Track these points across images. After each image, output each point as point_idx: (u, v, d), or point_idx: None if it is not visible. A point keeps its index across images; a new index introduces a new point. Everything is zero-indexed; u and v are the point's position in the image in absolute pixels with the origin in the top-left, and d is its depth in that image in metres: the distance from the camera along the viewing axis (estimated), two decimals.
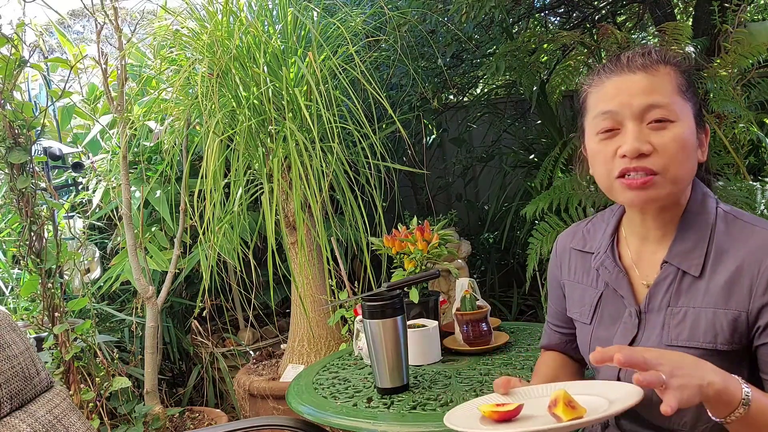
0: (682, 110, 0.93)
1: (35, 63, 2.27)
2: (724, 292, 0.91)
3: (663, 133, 0.91)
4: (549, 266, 1.22)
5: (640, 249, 1.04)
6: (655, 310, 0.98)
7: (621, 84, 0.94)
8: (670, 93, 0.92)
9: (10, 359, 1.29)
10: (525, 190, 3.20)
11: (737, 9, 2.07)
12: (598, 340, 1.06)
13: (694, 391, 0.78)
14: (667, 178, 0.92)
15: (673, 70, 0.95)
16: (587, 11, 3.20)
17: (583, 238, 1.14)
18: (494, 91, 3.83)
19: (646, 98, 0.92)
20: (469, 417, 0.95)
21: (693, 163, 0.94)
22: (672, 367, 0.79)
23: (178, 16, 2.46)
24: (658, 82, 0.93)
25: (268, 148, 2.31)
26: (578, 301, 1.12)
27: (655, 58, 0.95)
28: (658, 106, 0.91)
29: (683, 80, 0.95)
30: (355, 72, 2.18)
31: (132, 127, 2.66)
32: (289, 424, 1.44)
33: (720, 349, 0.91)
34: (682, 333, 0.94)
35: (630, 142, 0.91)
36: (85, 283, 2.80)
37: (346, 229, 2.34)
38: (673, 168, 0.91)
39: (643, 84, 0.92)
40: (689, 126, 0.93)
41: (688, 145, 0.92)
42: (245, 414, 2.56)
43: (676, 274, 0.96)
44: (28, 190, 2.15)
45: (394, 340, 1.36)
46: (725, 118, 2.06)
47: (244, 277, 2.53)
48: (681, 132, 0.91)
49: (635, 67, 0.94)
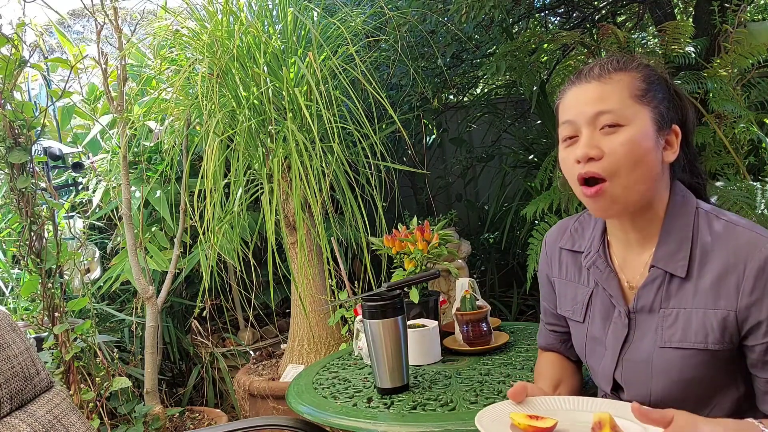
0: (636, 114, 0.96)
1: (35, 63, 2.27)
2: (713, 293, 0.93)
3: (613, 137, 0.95)
4: (539, 264, 1.24)
5: (624, 253, 1.06)
6: (646, 311, 1.00)
7: (578, 94, 1.00)
8: (622, 98, 0.96)
9: (10, 359, 1.29)
10: (525, 190, 3.20)
11: (737, 9, 2.07)
12: (592, 340, 1.08)
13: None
14: (616, 182, 0.95)
15: (629, 76, 0.98)
16: (587, 11, 3.20)
17: (571, 237, 1.15)
18: (494, 91, 3.83)
19: (597, 105, 0.96)
20: (500, 424, 0.93)
21: (649, 165, 0.96)
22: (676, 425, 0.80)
23: (178, 16, 2.46)
24: (609, 89, 0.97)
25: (268, 148, 2.31)
26: (570, 299, 1.13)
27: (611, 67, 0.99)
28: (607, 112, 0.95)
29: (641, 85, 0.98)
30: (355, 72, 2.18)
31: (132, 127, 2.66)
32: (289, 424, 1.44)
33: (711, 348, 0.93)
34: (675, 334, 0.96)
35: (581, 148, 0.96)
36: (85, 283, 2.80)
37: (346, 229, 2.34)
38: (623, 170, 0.94)
39: (595, 92, 0.97)
40: (642, 129, 0.95)
41: (640, 147, 0.94)
42: (245, 414, 2.56)
43: (664, 276, 0.98)
44: (28, 190, 2.15)
45: (394, 340, 1.36)
46: (725, 118, 2.06)
47: (244, 277, 2.53)
48: (631, 135, 0.94)
49: (591, 77, 0.99)
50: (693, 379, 0.94)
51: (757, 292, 0.90)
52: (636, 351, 1.00)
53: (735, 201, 1.81)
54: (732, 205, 1.81)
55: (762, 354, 0.91)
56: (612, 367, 1.03)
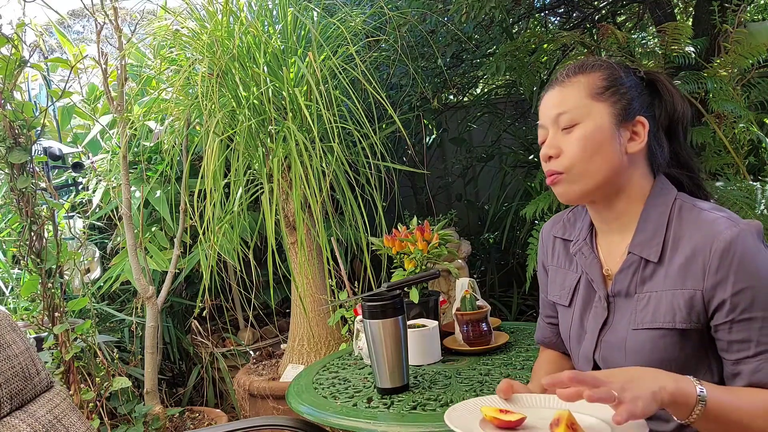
0: (592, 111, 1.03)
1: (35, 63, 2.27)
2: (681, 273, 0.97)
3: (570, 135, 1.04)
4: (537, 254, 1.29)
5: (607, 241, 1.11)
6: (623, 296, 1.05)
7: (546, 99, 1.09)
8: (579, 98, 1.04)
9: (10, 359, 1.29)
10: (525, 190, 3.19)
11: (737, 9, 2.07)
12: (576, 324, 1.13)
13: (648, 399, 0.83)
14: (573, 174, 1.03)
15: (588, 77, 1.05)
16: (587, 11, 3.19)
17: (564, 226, 1.22)
18: (494, 91, 3.82)
19: (556, 108, 1.05)
20: (470, 417, 0.95)
21: (607, 157, 1.02)
22: (622, 382, 0.84)
23: (178, 16, 2.46)
24: (567, 92, 1.05)
25: (268, 148, 2.31)
26: (559, 284, 1.19)
27: (573, 71, 1.07)
28: (563, 113, 1.04)
29: (600, 83, 1.05)
30: (355, 72, 2.18)
31: (132, 127, 2.66)
32: (289, 424, 1.44)
33: (679, 327, 0.96)
34: (647, 316, 1.00)
35: (543, 148, 1.07)
36: (85, 283, 2.80)
37: (346, 229, 2.34)
38: (577, 164, 1.03)
39: (557, 96, 1.07)
40: (596, 124, 1.02)
41: (594, 141, 1.02)
42: (245, 414, 2.56)
43: (639, 262, 1.03)
44: (28, 190, 2.15)
45: (394, 340, 1.36)
46: (725, 118, 2.06)
47: (244, 277, 2.53)
48: (584, 132, 1.02)
49: (555, 83, 1.08)
50: (663, 360, 0.97)
51: (722, 271, 0.93)
52: (613, 333, 1.05)
53: (735, 201, 1.81)
54: (732, 205, 1.81)
55: (726, 333, 0.94)
56: (592, 348, 1.08)
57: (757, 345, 0.92)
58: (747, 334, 0.92)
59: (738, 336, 0.93)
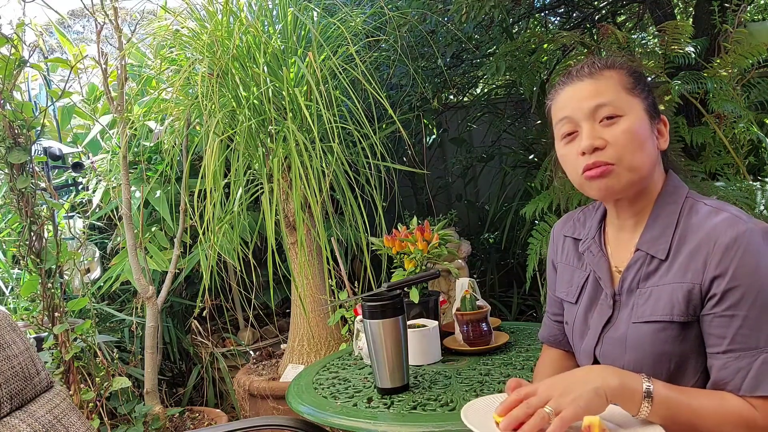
0: (630, 105, 1.02)
1: (35, 63, 2.27)
2: (683, 268, 0.98)
3: (614, 127, 1.01)
4: (548, 252, 1.30)
5: (617, 238, 1.12)
6: (626, 292, 1.06)
7: (572, 92, 1.06)
8: (616, 92, 1.02)
9: (10, 359, 1.29)
10: (525, 190, 3.19)
11: (737, 9, 2.07)
12: (581, 321, 1.14)
13: (590, 396, 0.87)
14: (623, 166, 1.00)
15: (618, 72, 1.05)
16: (587, 11, 3.19)
17: (573, 225, 1.23)
18: (494, 91, 3.82)
19: (594, 100, 1.02)
20: (486, 417, 0.94)
21: (648, 151, 1.02)
22: (562, 387, 0.89)
23: (178, 16, 2.45)
24: (603, 84, 1.04)
25: (268, 148, 2.31)
26: (567, 281, 1.20)
27: (600, 65, 1.06)
28: (604, 105, 1.02)
29: (630, 79, 1.04)
30: (355, 72, 2.18)
31: (132, 127, 2.66)
32: (289, 424, 1.44)
33: (676, 320, 0.97)
34: (646, 310, 1.01)
35: (585, 140, 1.02)
36: (85, 283, 2.80)
37: (346, 229, 2.34)
38: (627, 156, 1.00)
39: (590, 88, 1.04)
40: (639, 118, 1.02)
41: (639, 135, 1.01)
42: (245, 414, 2.56)
43: (645, 258, 1.04)
44: (28, 190, 2.15)
45: (394, 340, 1.36)
46: (725, 118, 2.06)
47: (244, 277, 2.53)
48: (630, 124, 1.01)
49: (583, 76, 1.06)
50: (663, 353, 0.98)
51: (722, 266, 0.93)
52: (615, 330, 1.05)
53: (735, 201, 1.81)
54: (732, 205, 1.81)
55: (706, 325, 0.95)
56: (593, 344, 1.09)
57: (729, 343, 0.93)
58: (724, 330, 0.93)
59: (715, 330, 0.94)
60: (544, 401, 0.88)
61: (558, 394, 0.87)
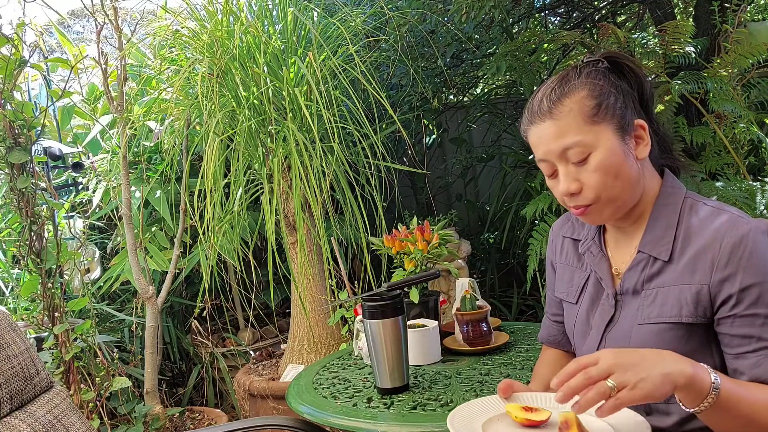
0: (597, 137, 0.99)
1: (35, 63, 2.27)
2: (689, 269, 0.97)
3: (586, 166, 0.99)
4: (547, 252, 1.30)
5: (617, 240, 1.12)
6: (631, 293, 1.05)
7: (538, 133, 1.03)
8: (578, 127, 0.99)
9: (10, 359, 1.29)
10: (525, 190, 3.19)
11: (737, 9, 2.07)
12: (582, 321, 1.13)
13: (658, 381, 0.80)
14: (601, 202, 1.01)
15: (577, 100, 1.00)
16: (587, 11, 3.19)
17: (572, 226, 1.22)
18: (494, 91, 3.82)
19: (559, 143, 1.00)
20: (474, 424, 0.94)
21: (625, 174, 1.00)
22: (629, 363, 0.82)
23: (178, 16, 2.46)
24: (563, 123, 0.99)
25: (268, 148, 2.31)
26: (567, 282, 1.19)
27: (558, 94, 1.01)
28: (571, 147, 0.99)
29: (591, 103, 0.99)
30: (355, 72, 2.18)
31: (132, 127, 2.66)
32: (289, 424, 1.44)
33: (685, 321, 0.97)
34: (653, 311, 1.00)
35: (561, 184, 1.02)
36: (85, 283, 2.80)
37: (346, 229, 2.34)
38: (605, 192, 1.00)
39: (552, 130, 1.00)
40: (609, 147, 0.98)
41: (613, 164, 0.98)
42: (245, 414, 2.56)
43: (648, 259, 1.03)
44: (28, 190, 2.15)
45: (394, 340, 1.36)
46: (725, 118, 2.06)
47: (244, 277, 2.53)
48: (601, 158, 0.98)
49: (543, 114, 1.01)
50: None
51: (731, 266, 0.93)
52: (618, 330, 1.05)
53: (735, 201, 1.81)
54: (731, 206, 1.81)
55: (728, 327, 0.95)
56: (596, 344, 1.09)
57: (758, 341, 0.93)
58: (749, 329, 0.93)
59: (740, 331, 0.94)
60: (605, 374, 0.81)
61: (623, 370, 0.81)
